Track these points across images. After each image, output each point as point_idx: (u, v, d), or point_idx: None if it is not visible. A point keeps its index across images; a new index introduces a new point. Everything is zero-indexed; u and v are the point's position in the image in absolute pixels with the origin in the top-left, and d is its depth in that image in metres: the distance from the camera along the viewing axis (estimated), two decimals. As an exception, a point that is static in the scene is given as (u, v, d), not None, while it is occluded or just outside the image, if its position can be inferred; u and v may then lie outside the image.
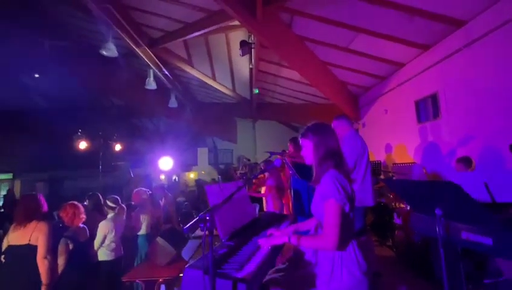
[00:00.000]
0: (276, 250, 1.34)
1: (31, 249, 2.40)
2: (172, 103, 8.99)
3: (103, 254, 2.94)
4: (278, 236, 1.36)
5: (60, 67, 8.50)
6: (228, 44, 6.10)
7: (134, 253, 3.68)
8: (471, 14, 3.34)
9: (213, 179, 13.51)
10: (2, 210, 9.05)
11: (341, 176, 1.29)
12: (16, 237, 2.41)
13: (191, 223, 0.90)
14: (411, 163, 4.34)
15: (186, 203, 8.43)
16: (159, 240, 3.06)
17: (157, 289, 3.02)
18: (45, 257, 2.41)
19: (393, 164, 4.71)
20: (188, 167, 13.94)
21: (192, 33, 5.35)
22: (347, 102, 6.08)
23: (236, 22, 4.87)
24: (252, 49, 5.15)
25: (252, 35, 5.17)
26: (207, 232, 0.89)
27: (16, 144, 13.87)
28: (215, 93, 9.49)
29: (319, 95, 6.87)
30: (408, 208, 3.34)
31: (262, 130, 12.89)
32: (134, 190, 3.75)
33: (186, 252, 3.55)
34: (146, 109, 11.09)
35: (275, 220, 1.84)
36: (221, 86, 8.38)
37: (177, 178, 14.32)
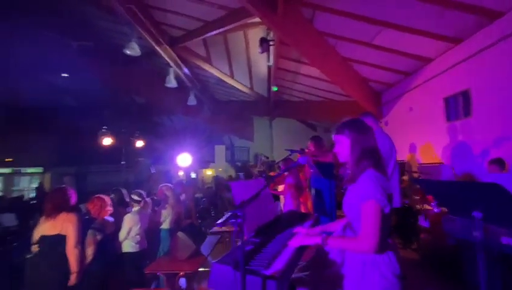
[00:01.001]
0: (302, 249, 1.31)
1: (61, 239, 2.53)
2: (191, 100, 9.13)
3: (128, 246, 3.04)
4: (309, 236, 1.33)
5: (85, 66, 8.89)
6: (246, 42, 6.10)
7: (156, 246, 3.78)
8: (508, 4, 3.10)
9: (230, 176, 13.64)
10: (34, 202, 9.65)
11: (381, 176, 1.23)
12: (47, 227, 2.54)
13: (224, 218, 0.90)
14: (438, 163, 4.13)
15: (204, 199, 8.57)
16: (180, 234, 3.12)
17: (177, 282, 3.09)
18: (75, 247, 2.53)
19: (419, 164, 4.50)
20: (205, 164, 14.16)
21: (212, 31, 5.39)
22: (369, 99, 5.89)
23: (256, 19, 4.84)
24: (271, 46, 5.11)
25: (271, 32, 5.13)
26: (238, 228, 0.89)
27: (46, 140, 14.70)
28: (233, 91, 9.54)
29: (338, 92, 6.71)
30: (436, 210, 3.19)
31: (279, 128, 12.80)
32: (160, 185, 3.84)
33: (205, 248, 3.61)
34: (165, 107, 11.35)
35: (297, 218, 1.81)
36: (239, 84, 8.41)
37: (195, 175, 14.58)
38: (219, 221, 0.94)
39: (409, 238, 3.54)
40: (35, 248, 2.49)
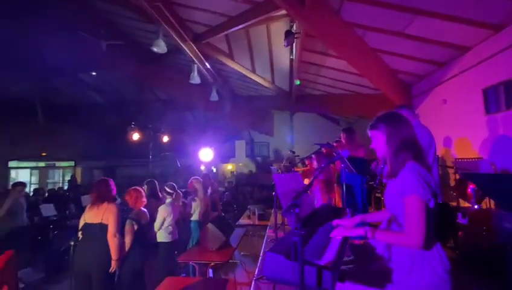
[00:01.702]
0: (345, 242, 1.31)
1: (103, 227, 2.69)
2: (213, 96, 9.25)
3: (162, 236, 3.18)
4: (352, 228, 1.32)
5: (113, 65, 9.26)
6: (269, 35, 6.05)
7: (185, 237, 3.92)
8: None
9: (250, 171, 13.77)
10: (68, 193, 10.31)
11: (423, 170, 1.19)
12: (90, 216, 2.72)
13: (286, 207, 0.92)
14: (476, 158, 3.90)
15: (226, 193, 8.74)
16: (210, 226, 3.21)
17: (206, 272, 3.19)
18: (114, 235, 2.68)
19: (454, 159, 4.27)
20: (225, 159, 14.37)
21: (236, 26, 5.40)
22: (398, 92, 5.64)
23: (281, 12, 4.78)
24: (295, 39, 5.03)
25: (294, 25, 5.04)
26: (296, 218, 0.90)
27: (77, 135, 15.61)
28: (254, 86, 9.53)
29: (365, 85, 6.50)
30: (476, 207, 3.03)
31: (300, 122, 12.68)
32: (191, 178, 3.96)
33: (233, 239, 3.69)
34: (188, 103, 11.58)
35: (334, 212, 1.80)
36: (260, 79, 8.39)
37: (215, 169, 14.87)
38: (284, 210, 0.95)
39: (445, 236, 3.39)
40: (80, 235, 2.67)
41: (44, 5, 7.14)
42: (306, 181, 4.48)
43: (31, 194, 9.03)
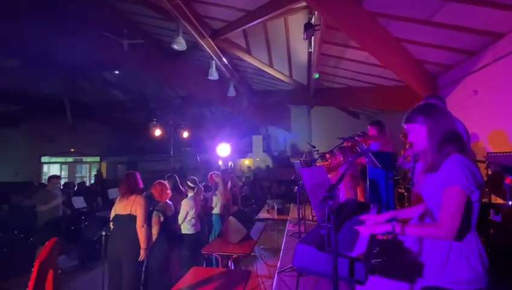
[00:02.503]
0: (374, 237, 1.29)
1: (131, 218, 2.83)
2: (231, 92, 9.31)
3: (186, 228, 3.30)
4: (378, 225, 1.31)
5: (134, 63, 9.54)
6: (287, 29, 5.97)
7: (207, 230, 4.04)
8: None
9: (267, 166, 13.80)
10: (95, 187, 10.87)
11: (469, 162, 1.15)
12: (120, 207, 2.87)
13: (322, 199, 0.93)
14: None
15: (245, 187, 8.84)
16: (231, 219, 3.28)
17: (230, 263, 3.27)
18: (142, 226, 2.82)
19: (487, 153, 4.03)
20: (243, 154, 14.49)
21: (254, 20, 5.37)
22: (423, 83, 5.39)
23: (300, 4, 4.70)
24: (315, 32, 4.93)
25: (314, 17, 4.94)
26: (329, 210, 0.91)
27: (102, 132, 16.39)
28: (271, 80, 9.48)
29: (387, 77, 6.27)
30: (510, 203, 2.86)
31: (318, 116, 12.48)
32: (210, 173, 4.06)
33: (253, 233, 3.74)
34: (206, 99, 11.74)
35: (360, 206, 1.78)
36: (278, 73, 8.33)
37: (232, 164, 15.03)
38: (321, 202, 0.96)
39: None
40: (111, 225, 2.83)
41: (71, 9, 7.48)
42: (330, 175, 4.43)
43: (61, 187, 9.60)
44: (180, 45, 5.58)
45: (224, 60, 7.62)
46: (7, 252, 4.59)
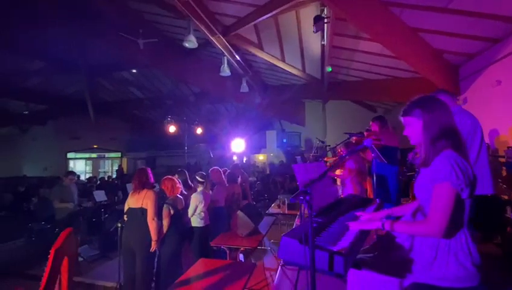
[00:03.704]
0: (366, 232, 1.29)
1: (143, 211, 2.97)
2: (244, 88, 9.34)
3: (195, 222, 3.41)
4: (370, 221, 1.30)
5: (150, 61, 9.82)
6: (298, 22, 5.88)
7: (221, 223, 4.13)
8: None
9: (281, 161, 13.78)
10: (116, 181, 11.41)
11: (461, 159, 1.12)
12: (133, 201, 3.02)
13: (294, 194, 0.95)
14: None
15: (258, 182, 8.92)
16: (240, 213, 3.34)
17: (238, 256, 3.36)
18: (153, 218, 2.95)
19: (508, 147, 3.80)
20: (257, 150, 14.56)
21: (264, 15, 5.34)
22: (443, 74, 5.13)
23: (310, -4, 4.62)
24: (326, 24, 4.82)
25: (325, 9, 4.83)
26: (307, 205, 0.93)
27: (122, 129, 17.10)
28: (284, 75, 9.40)
29: (404, 68, 6.03)
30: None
31: (332, 111, 12.24)
32: (210, 169, 4.15)
33: (262, 227, 3.80)
34: (219, 95, 11.86)
35: (359, 202, 1.77)
36: (291, 67, 8.23)
37: (247, 159, 15.16)
38: (292, 196, 0.99)
39: (491, 231, 3.07)
40: (125, 218, 2.99)
41: (90, 11, 7.82)
42: (338, 172, 4.38)
43: (86, 181, 10.16)
44: (191, 43, 5.67)
45: (236, 56, 7.64)
46: (35, 241, 4.99)
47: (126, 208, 3.03)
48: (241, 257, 3.41)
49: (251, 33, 6.82)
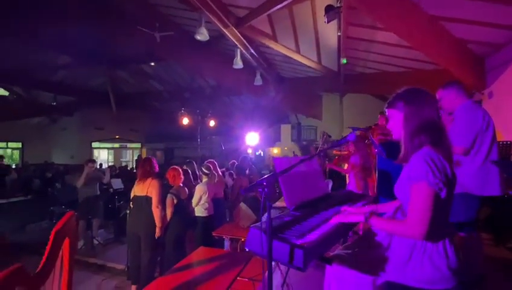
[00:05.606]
0: (347, 227, 1.25)
1: (148, 199, 3.09)
2: (258, 80, 9.28)
3: (199, 211, 3.49)
4: (353, 214, 1.26)
5: (167, 54, 10.02)
6: (313, 12, 5.70)
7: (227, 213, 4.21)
8: None
9: (295, 155, 13.66)
10: (135, 171, 11.92)
11: (438, 156, 1.05)
12: (138, 189, 3.14)
13: (250, 186, 0.94)
14: None
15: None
16: (242, 205, 3.36)
17: (239, 247, 3.40)
18: (157, 206, 3.06)
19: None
20: (271, 143, 14.52)
21: (278, 4, 5.21)
22: (466, 66, 4.77)
23: (323, -16, 4.45)
24: (340, 14, 4.63)
25: (341, -1, 4.63)
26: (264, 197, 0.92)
27: (143, 121, 17.74)
28: (299, 67, 9.21)
29: (425, 60, 5.69)
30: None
31: (350, 104, 11.86)
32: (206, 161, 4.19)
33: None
34: (234, 88, 11.89)
35: (349, 198, 1.72)
36: (306, 59, 8.05)
37: (262, 153, 15.19)
38: (246, 188, 1.00)
39: (504, 234, 2.86)
40: (131, 205, 3.13)
41: (110, 6, 8.10)
42: (345, 166, 4.27)
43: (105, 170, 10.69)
44: (202, 35, 5.70)
45: (250, 48, 7.58)
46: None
47: (132, 195, 3.17)
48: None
49: (265, 24, 6.71)
